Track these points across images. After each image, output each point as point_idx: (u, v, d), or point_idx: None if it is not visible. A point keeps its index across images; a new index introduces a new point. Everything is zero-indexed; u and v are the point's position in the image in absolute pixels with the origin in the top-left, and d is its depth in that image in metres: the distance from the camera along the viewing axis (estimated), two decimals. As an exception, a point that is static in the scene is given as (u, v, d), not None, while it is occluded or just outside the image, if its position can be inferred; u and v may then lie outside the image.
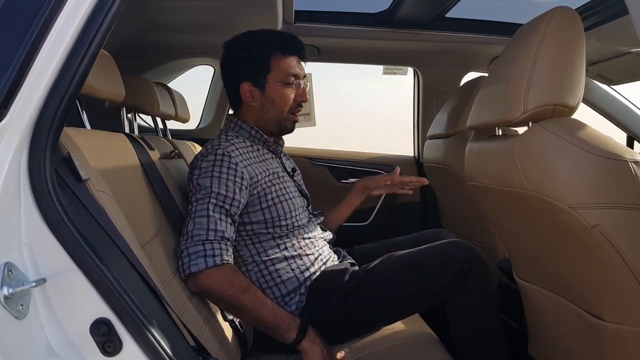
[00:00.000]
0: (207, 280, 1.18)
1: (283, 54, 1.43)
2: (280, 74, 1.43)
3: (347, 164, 2.65)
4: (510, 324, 1.63)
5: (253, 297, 1.21)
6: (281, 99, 1.44)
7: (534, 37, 1.05)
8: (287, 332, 1.22)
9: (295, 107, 1.47)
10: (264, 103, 1.45)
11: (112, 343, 0.72)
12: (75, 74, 0.74)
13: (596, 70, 2.25)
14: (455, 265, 1.30)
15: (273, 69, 1.43)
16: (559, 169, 0.97)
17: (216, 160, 1.30)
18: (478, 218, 1.99)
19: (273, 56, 1.43)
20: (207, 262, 1.17)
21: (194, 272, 1.17)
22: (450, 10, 2.07)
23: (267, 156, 1.47)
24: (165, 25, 2.05)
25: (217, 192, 1.26)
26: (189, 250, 1.19)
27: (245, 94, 1.45)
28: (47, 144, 0.74)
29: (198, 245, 1.19)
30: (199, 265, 1.17)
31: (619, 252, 0.94)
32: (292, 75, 1.43)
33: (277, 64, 1.43)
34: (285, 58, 1.44)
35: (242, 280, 1.21)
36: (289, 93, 1.44)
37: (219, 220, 1.23)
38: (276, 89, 1.43)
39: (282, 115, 1.46)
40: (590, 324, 1.07)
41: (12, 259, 0.70)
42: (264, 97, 1.44)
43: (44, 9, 0.72)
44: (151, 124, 2.05)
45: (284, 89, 1.44)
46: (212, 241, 1.20)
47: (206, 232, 1.21)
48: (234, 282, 1.19)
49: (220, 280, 1.19)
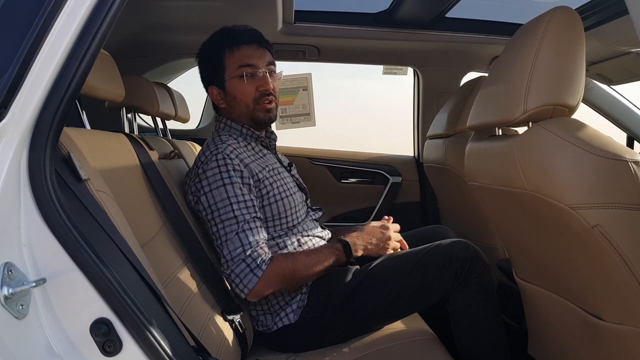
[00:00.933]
0: (265, 288, 1.24)
1: (231, 49, 1.43)
2: (232, 69, 1.42)
3: (347, 164, 2.65)
4: (510, 324, 1.63)
5: (302, 268, 1.29)
6: (241, 93, 1.43)
7: (534, 37, 1.05)
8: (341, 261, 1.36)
9: (260, 96, 1.43)
10: (230, 102, 1.46)
11: (112, 343, 0.72)
12: (75, 74, 0.74)
13: (596, 70, 2.25)
14: (457, 264, 1.31)
15: (227, 67, 1.43)
16: (559, 169, 0.97)
17: (220, 166, 1.30)
18: (478, 218, 1.99)
19: (223, 55, 1.43)
20: (257, 274, 1.22)
21: (252, 288, 1.22)
22: (450, 10, 2.07)
23: (262, 152, 1.47)
24: (165, 25, 2.05)
25: (237, 201, 1.27)
26: (235, 272, 1.23)
27: (215, 98, 1.47)
28: (47, 144, 0.74)
29: (241, 264, 1.23)
30: (252, 281, 1.22)
31: (619, 252, 0.94)
32: (244, 67, 1.41)
33: (229, 60, 1.43)
34: (235, 52, 1.42)
35: (287, 264, 1.27)
36: (245, 85, 1.42)
37: (248, 232, 1.26)
38: (234, 85, 1.43)
39: (248, 109, 1.44)
40: (590, 324, 1.07)
41: (12, 259, 0.70)
42: (228, 96, 1.45)
43: (44, 9, 0.72)
44: (151, 124, 2.05)
45: (240, 82, 1.42)
46: (251, 254, 1.23)
47: (242, 249, 1.24)
48: (283, 271, 1.25)
49: (272, 279, 1.24)
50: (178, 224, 1.31)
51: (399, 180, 2.64)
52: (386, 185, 2.63)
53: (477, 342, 1.33)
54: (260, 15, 1.92)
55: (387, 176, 2.64)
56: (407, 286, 1.34)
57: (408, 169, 2.69)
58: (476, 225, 2.06)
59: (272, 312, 1.39)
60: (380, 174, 2.65)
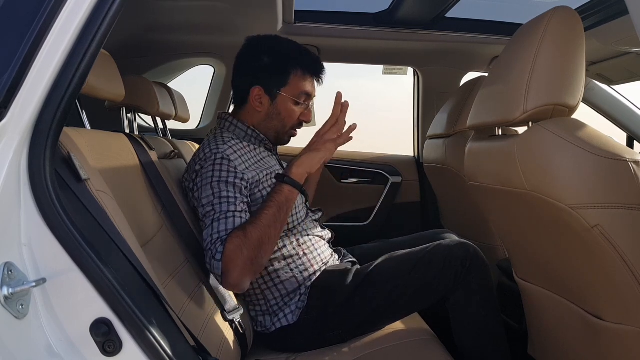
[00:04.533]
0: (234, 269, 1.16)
1: (303, 73, 1.43)
2: (294, 91, 1.43)
3: (347, 164, 2.65)
4: (510, 324, 1.63)
5: (254, 226, 1.20)
6: (288, 114, 1.45)
7: (534, 37, 1.05)
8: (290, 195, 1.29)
9: (298, 125, 1.49)
10: (271, 112, 1.45)
11: (112, 343, 0.72)
12: (75, 74, 0.74)
13: (596, 70, 2.25)
14: (457, 264, 1.31)
15: (289, 84, 1.43)
16: (559, 169, 0.97)
17: (215, 165, 1.30)
18: (478, 218, 1.99)
19: (294, 72, 1.42)
20: (216, 257, 1.17)
21: (221, 275, 1.17)
22: (450, 10, 2.07)
23: (264, 154, 1.47)
24: (165, 25, 2.05)
25: (219, 196, 1.25)
26: (207, 262, 1.20)
27: (253, 97, 1.44)
28: (47, 144, 0.74)
29: (207, 253, 1.20)
30: (217, 267, 1.17)
31: (619, 252, 0.94)
32: (304, 95, 1.44)
33: (295, 80, 1.43)
34: (304, 77, 1.44)
35: (237, 233, 1.19)
36: (297, 111, 1.45)
37: (222, 221, 1.22)
38: (286, 103, 1.44)
39: (283, 129, 1.47)
40: (590, 324, 1.08)
41: (12, 259, 0.70)
42: (272, 107, 1.44)
43: (44, 9, 0.72)
44: (151, 124, 2.05)
45: (293, 105, 1.44)
46: (215, 242, 1.20)
47: (211, 239, 1.21)
48: (236, 242, 1.17)
49: (233, 255, 1.17)
50: (178, 224, 1.31)
51: (399, 180, 2.65)
52: (386, 185, 2.63)
53: (477, 342, 1.33)
54: (260, 15, 1.92)
55: (387, 176, 2.64)
56: (408, 286, 1.34)
57: (408, 169, 2.69)
58: (476, 225, 2.06)
59: (270, 313, 1.39)
60: (380, 174, 2.65)
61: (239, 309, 1.31)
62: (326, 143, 1.35)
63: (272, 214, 1.24)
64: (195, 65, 2.60)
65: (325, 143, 1.35)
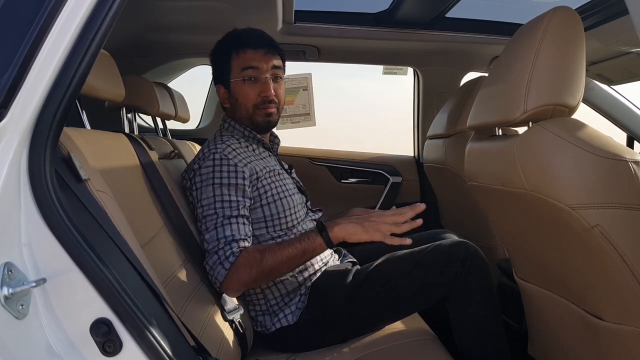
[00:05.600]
0: (235, 281, 1.21)
1: (237, 51, 1.43)
2: (237, 71, 1.43)
3: (347, 164, 2.65)
4: (510, 324, 1.63)
5: (271, 257, 1.22)
6: (242, 96, 1.44)
7: (534, 37, 1.05)
8: (318, 248, 1.25)
9: (261, 102, 1.43)
10: (233, 103, 1.47)
11: (112, 343, 0.72)
12: (75, 74, 0.74)
13: (596, 70, 2.24)
14: (457, 264, 1.31)
15: (233, 68, 1.43)
16: (559, 169, 0.97)
17: (215, 165, 1.30)
18: (478, 218, 1.99)
19: (231, 55, 1.43)
20: (225, 266, 1.21)
21: (221, 281, 1.21)
22: (450, 10, 2.07)
23: (264, 154, 1.47)
24: (165, 25, 2.05)
25: (221, 200, 1.27)
26: (209, 264, 1.23)
27: (221, 97, 1.49)
28: (47, 144, 0.74)
29: (213, 256, 1.23)
30: (221, 274, 1.21)
31: (619, 252, 0.94)
32: (248, 69, 1.41)
33: (235, 61, 1.43)
34: (240, 54, 1.43)
35: (254, 254, 1.22)
36: (247, 89, 1.43)
37: (227, 226, 1.25)
38: (237, 87, 1.44)
39: (248, 113, 1.44)
40: (590, 324, 1.07)
41: (12, 259, 0.70)
42: (231, 97, 1.46)
43: (44, 9, 0.72)
44: (151, 124, 2.05)
45: (242, 85, 1.43)
46: (223, 247, 1.23)
47: (217, 242, 1.24)
48: (250, 262, 1.21)
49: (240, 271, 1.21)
50: (178, 224, 1.31)
51: (399, 180, 2.64)
52: (386, 185, 2.63)
53: (477, 342, 1.33)
54: (260, 15, 1.92)
55: (387, 176, 2.64)
56: (408, 286, 1.34)
57: (408, 169, 2.69)
58: (476, 225, 2.06)
59: (270, 313, 1.39)
60: (380, 174, 2.65)
61: (239, 309, 1.31)
62: (378, 227, 1.23)
63: (293, 255, 1.24)
64: (195, 65, 2.60)
65: (377, 227, 1.23)
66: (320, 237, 1.25)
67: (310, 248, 1.25)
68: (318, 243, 1.25)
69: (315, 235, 1.25)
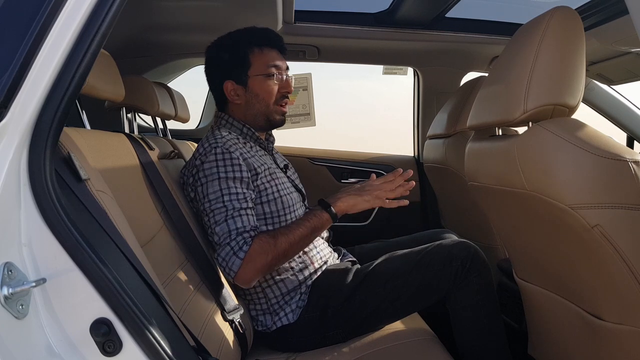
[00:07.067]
0: (251, 269, 1.21)
1: (261, 48, 1.45)
2: (260, 67, 1.44)
3: (347, 164, 2.65)
4: (510, 324, 1.63)
5: (284, 239, 1.25)
6: (265, 91, 1.45)
7: (534, 37, 1.05)
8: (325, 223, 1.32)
9: (281, 98, 1.48)
10: (249, 99, 1.46)
11: (112, 343, 0.72)
12: (75, 74, 0.74)
13: (596, 70, 2.24)
14: (457, 263, 1.31)
15: (253, 64, 1.44)
16: (559, 169, 0.97)
17: (218, 160, 1.30)
18: (478, 218, 1.99)
19: (251, 51, 1.44)
20: (239, 256, 1.20)
21: (237, 271, 1.20)
22: (450, 10, 2.07)
23: (260, 153, 1.47)
24: (165, 25, 2.05)
25: (228, 193, 1.27)
26: (222, 255, 1.22)
27: (229, 93, 1.46)
28: (47, 144, 0.74)
29: (226, 247, 1.22)
30: (236, 264, 1.20)
31: (619, 252, 0.94)
32: (272, 67, 1.44)
33: (257, 58, 1.44)
34: (264, 51, 1.45)
35: (267, 239, 1.24)
36: (272, 85, 1.45)
37: (237, 218, 1.25)
38: (259, 82, 1.44)
39: (268, 109, 1.47)
40: (590, 324, 1.07)
41: (12, 259, 0.70)
42: (248, 92, 1.46)
43: (44, 9, 0.72)
44: (151, 124, 2.05)
45: (266, 81, 1.44)
46: (235, 238, 1.23)
47: (229, 234, 1.23)
48: (264, 247, 1.22)
49: (256, 258, 1.21)
50: (178, 224, 1.31)
51: None
52: (386, 185, 2.63)
53: (477, 341, 1.34)
54: (260, 15, 1.92)
55: (387, 176, 2.63)
56: (408, 286, 1.34)
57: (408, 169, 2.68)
58: (476, 225, 2.06)
59: (271, 312, 1.39)
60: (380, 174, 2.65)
61: (239, 309, 1.31)
62: (378, 193, 1.35)
63: (305, 234, 1.29)
64: (195, 65, 2.60)
65: (375, 194, 1.34)
66: (326, 212, 1.31)
67: (318, 224, 1.30)
68: (325, 218, 1.31)
69: (321, 212, 1.32)
